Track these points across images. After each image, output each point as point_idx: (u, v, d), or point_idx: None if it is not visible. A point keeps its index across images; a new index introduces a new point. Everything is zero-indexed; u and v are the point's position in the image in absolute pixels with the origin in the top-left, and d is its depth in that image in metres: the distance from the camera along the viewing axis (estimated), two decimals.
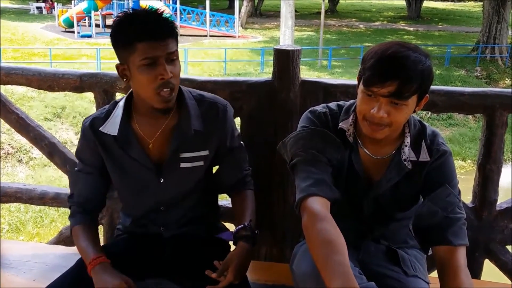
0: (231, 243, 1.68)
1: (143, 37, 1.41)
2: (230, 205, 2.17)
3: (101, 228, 2.05)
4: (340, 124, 1.49)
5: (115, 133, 1.55)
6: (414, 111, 1.40)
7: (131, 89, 1.58)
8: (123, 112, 1.57)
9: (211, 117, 1.62)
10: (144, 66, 1.43)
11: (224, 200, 2.04)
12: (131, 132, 1.57)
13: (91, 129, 1.60)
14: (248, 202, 1.70)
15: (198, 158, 1.61)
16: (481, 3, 22.89)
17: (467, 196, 2.03)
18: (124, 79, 1.51)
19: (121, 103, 1.59)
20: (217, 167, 1.74)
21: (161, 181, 1.60)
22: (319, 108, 1.55)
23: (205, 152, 1.62)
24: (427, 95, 1.39)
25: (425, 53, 1.35)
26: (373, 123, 1.36)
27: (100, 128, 1.57)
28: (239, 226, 1.60)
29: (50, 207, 6.64)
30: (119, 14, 1.48)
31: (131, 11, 1.47)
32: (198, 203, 1.69)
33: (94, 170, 1.64)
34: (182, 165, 1.59)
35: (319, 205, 1.36)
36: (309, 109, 1.56)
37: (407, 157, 1.46)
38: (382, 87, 1.30)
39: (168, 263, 1.66)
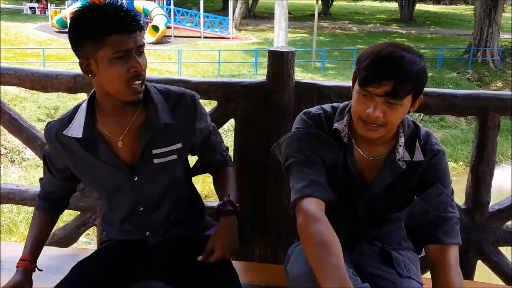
0: None
1: (114, 30, 1.39)
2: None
3: (94, 230, 2.05)
4: (335, 124, 1.49)
5: (80, 135, 1.52)
6: (409, 112, 1.41)
7: (92, 90, 1.56)
8: (86, 113, 1.54)
9: (181, 109, 1.59)
10: (116, 59, 1.41)
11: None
12: (97, 133, 1.54)
13: (55, 135, 1.58)
14: (226, 178, 1.72)
15: (171, 152, 1.58)
16: (473, 6, 23.08)
17: (458, 198, 2.05)
18: (89, 75, 1.47)
19: (84, 105, 1.56)
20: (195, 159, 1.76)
21: (135, 179, 1.57)
22: (314, 109, 1.55)
23: (178, 145, 1.59)
24: (422, 95, 1.40)
25: (419, 54, 1.36)
26: (369, 123, 1.37)
27: (64, 132, 1.55)
28: (219, 203, 1.62)
29: None
30: (80, 9, 1.44)
31: (95, 5, 1.43)
32: (179, 202, 1.66)
33: (57, 173, 1.66)
34: (156, 161, 1.56)
35: (314, 206, 1.37)
36: (304, 111, 1.56)
37: (401, 157, 1.47)
38: (378, 86, 1.31)
39: (158, 266, 1.64)
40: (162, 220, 1.65)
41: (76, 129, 1.53)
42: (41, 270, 1.71)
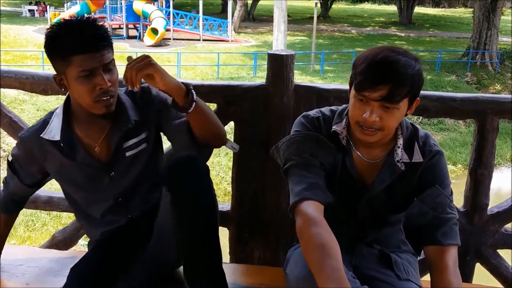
0: None
1: (78, 50, 1.42)
2: (225, 209, 2.20)
3: None
4: (333, 127, 1.50)
5: (58, 138, 1.56)
6: (406, 115, 1.41)
7: (66, 96, 1.60)
8: (62, 119, 1.58)
9: (142, 102, 1.64)
10: (81, 77, 1.45)
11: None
12: (74, 137, 1.60)
13: (33, 138, 1.61)
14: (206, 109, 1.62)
15: (140, 142, 1.64)
16: (472, 9, 23.12)
17: (457, 201, 2.05)
18: (63, 89, 1.53)
19: (58, 111, 1.61)
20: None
21: (112, 174, 1.63)
22: (312, 113, 1.56)
23: (144, 135, 1.64)
24: (418, 98, 1.41)
25: (415, 57, 1.37)
26: (366, 127, 1.37)
27: (41, 135, 1.58)
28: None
29: (42, 211, 6.60)
30: (52, 26, 1.47)
31: (64, 23, 1.46)
32: (155, 188, 1.71)
33: (26, 178, 1.71)
34: (128, 153, 1.63)
35: (313, 209, 1.37)
36: (302, 114, 1.57)
37: (400, 159, 1.47)
38: (374, 91, 1.32)
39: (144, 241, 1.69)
40: (140, 204, 1.71)
41: (52, 133, 1.58)
42: None
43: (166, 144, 1.78)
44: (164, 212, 1.65)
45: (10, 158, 1.72)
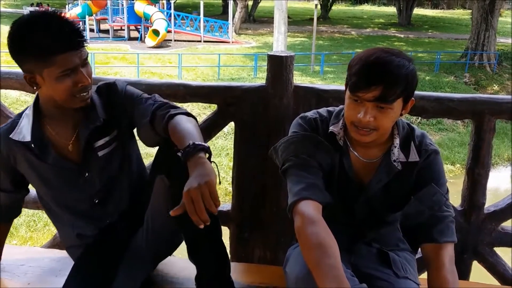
0: None
1: (59, 50, 1.37)
2: (225, 209, 2.21)
3: None
4: (330, 128, 1.52)
5: (28, 139, 1.52)
6: (401, 114, 1.43)
7: (36, 95, 1.55)
8: (33, 119, 1.53)
9: (109, 99, 1.62)
10: (63, 76, 1.41)
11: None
12: (45, 138, 1.55)
13: (4, 140, 1.55)
14: (179, 129, 1.43)
15: (111, 141, 1.61)
16: (470, 11, 23.12)
17: (455, 200, 2.07)
18: (34, 87, 1.47)
19: (28, 111, 1.56)
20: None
21: (86, 175, 1.60)
22: (310, 114, 1.58)
23: (114, 133, 1.62)
24: (413, 99, 1.43)
25: (408, 58, 1.39)
26: (361, 127, 1.39)
27: (11, 136, 1.54)
28: (180, 153, 1.37)
29: (44, 211, 6.57)
30: (18, 25, 1.38)
31: (34, 20, 1.38)
32: (131, 185, 1.69)
33: (6, 185, 1.64)
34: (100, 153, 1.60)
35: (311, 208, 1.38)
36: (300, 115, 1.59)
37: (397, 158, 1.49)
38: (367, 92, 1.34)
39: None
40: (117, 203, 1.67)
41: (22, 134, 1.53)
42: None
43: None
44: (155, 201, 1.61)
45: None
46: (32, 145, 1.53)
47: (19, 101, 10.96)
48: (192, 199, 1.25)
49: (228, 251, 2.17)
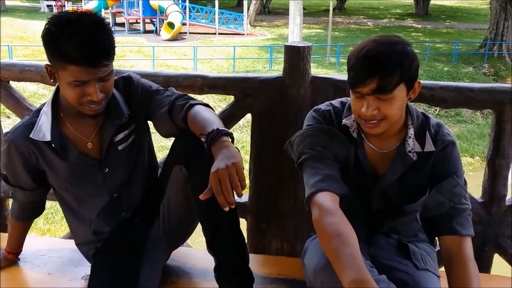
0: None
1: (75, 61, 1.34)
2: (242, 200, 2.21)
3: None
4: (343, 120, 1.52)
5: (48, 138, 1.50)
6: (410, 99, 1.41)
7: (55, 90, 1.54)
8: (52, 117, 1.52)
9: (127, 93, 1.61)
10: (73, 85, 1.39)
11: None
12: (64, 136, 1.55)
13: (21, 139, 1.53)
14: (199, 118, 1.47)
15: (129, 134, 1.62)
16: (489, 0, 22.72)
17: (475, 193, 2.04)
18: (52, 80, 1.45)
19: (46, 109, 1.54)
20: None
21: (106, 171, 1.60)
22: (323, 106, 1.58)
23: (133, 126, 1.62)
24: (419, 81, 1.40)
25: (403, 42, 1.37)
26: (367, 120, 1.39)
27: (31, 135, 1.52)
28: (204, 138, 1.39)
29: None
30: (57, 20, 1.36)
31: (68, 22, 1.35)
32: (148, 176, 1.71)
33: (29, 185, 1.64)
34: (120, 147, 1.60)
35: (328, 199, 1.38)
36: (314, 108, 1.59)
37: (412, 149, 1.48)
38: (364, 86, 1.34)
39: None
40: (132, 199, 1.69)
41: (42, 133, 1.52)
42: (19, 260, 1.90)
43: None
44: (172, 190, 1.63)
45: (3, 172, 1.65)
46: (53, 144, 1.53)
47: (36, 94, 11.08)
48: (219, 180, 1.27)
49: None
